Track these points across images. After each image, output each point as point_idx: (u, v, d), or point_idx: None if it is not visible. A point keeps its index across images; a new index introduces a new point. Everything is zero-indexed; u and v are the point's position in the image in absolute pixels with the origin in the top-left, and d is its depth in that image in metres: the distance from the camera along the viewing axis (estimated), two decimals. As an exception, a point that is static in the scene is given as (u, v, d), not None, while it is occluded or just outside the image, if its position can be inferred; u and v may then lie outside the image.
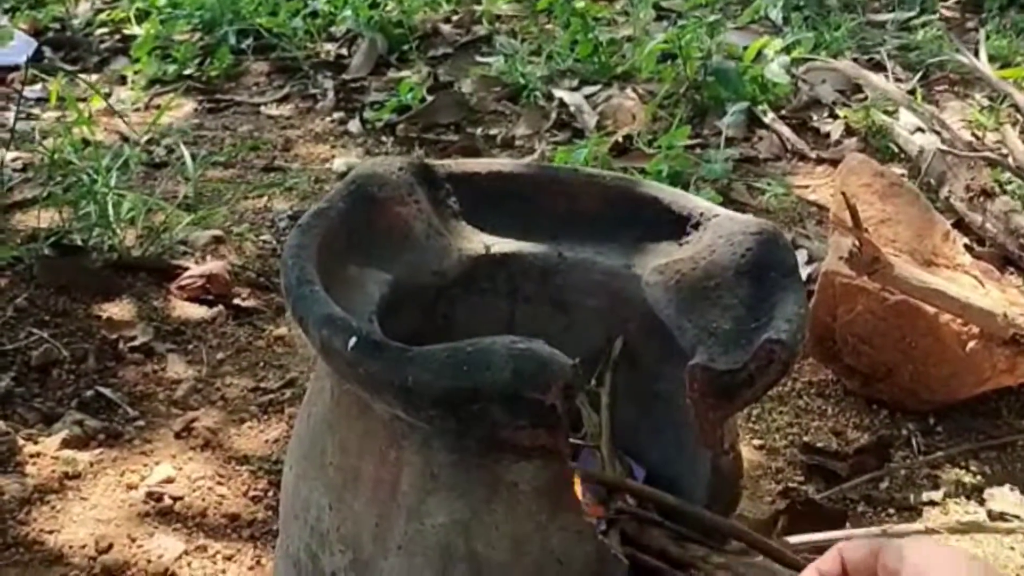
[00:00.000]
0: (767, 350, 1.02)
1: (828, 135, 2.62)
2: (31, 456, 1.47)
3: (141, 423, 1.57)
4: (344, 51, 3.23)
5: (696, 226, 1.23)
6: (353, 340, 0.95)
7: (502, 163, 1.35)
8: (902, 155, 2.45)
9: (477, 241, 1.24)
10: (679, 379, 1.06)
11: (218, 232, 2.08)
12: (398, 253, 1.19)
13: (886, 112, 2.61)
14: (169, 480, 1.45)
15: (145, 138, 2.54)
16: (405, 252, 1.20)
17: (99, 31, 3.46)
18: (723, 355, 1.04)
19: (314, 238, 1.12)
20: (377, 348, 0.95)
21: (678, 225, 1.24)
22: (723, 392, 1.02)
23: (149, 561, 1.34)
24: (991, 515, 1.46)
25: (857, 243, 1.48)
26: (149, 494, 1.42)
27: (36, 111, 2.79)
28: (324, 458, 1.06)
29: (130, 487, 1.44)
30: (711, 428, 1.07)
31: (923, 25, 3.29)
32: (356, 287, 1.13)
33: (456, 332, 1.20)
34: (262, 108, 2.88)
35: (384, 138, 2.64)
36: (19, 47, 3.18)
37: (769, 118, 2.65)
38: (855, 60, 2.98)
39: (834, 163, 2.41)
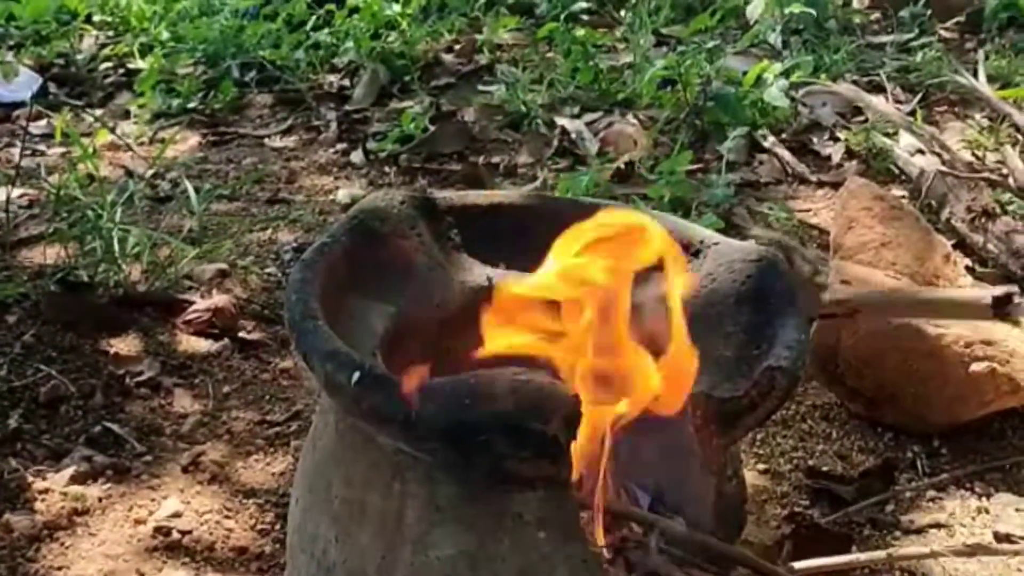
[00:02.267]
0: (768, 377, 1.03)
1: (829, 158, 2.63)
2: (40, 493, 1.48)
3: (148, 458, 1.58)
4: (347, 82, 3.25)
5: (696, 254, 1.24)
6: (356, 375, 0.96)
7: (503, 195, 1.37)
8: (903, 177, 2.46)
9: (479, 273, 1.25)
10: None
11: (223, 266, 2.09)
12: (400, 286, 1.20)
13: (886, 134, 2.62)
14: (177, 514, 1.45)
15: (150, 172, 2.56)
16: (407, 285, 1.21)
17: (103, 66, 3.48)
18: (725, 382, 1.06)
19: (317, 273, 1.13)
20: (380, 382, 0.96)
21: (679, 253, 1.25)
22: (725, 419, 1.03)
23: (158, 596, 1.35)
24: (997, 537, 1.46)
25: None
26: (157, 529, 1.43)
27: (41, 147, 2.81)
28: (329, 491, 1.07)
29: (138, 522, 1.45)
30: (714, 455, 1.08)
31: (922, 47, 3.30)
32: (359, 321, 1.14)
33: (459, 364, 1.21)
34: (266, 140, 2.89)
35: (387, 168, 2.65)
36: (24, 83, 3.21)
37: (770, 142, 2.66)
38: (855, 82, 2.99)
39: (835, 186, 2.42)
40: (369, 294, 1.18)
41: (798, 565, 1.25)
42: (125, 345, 1.84)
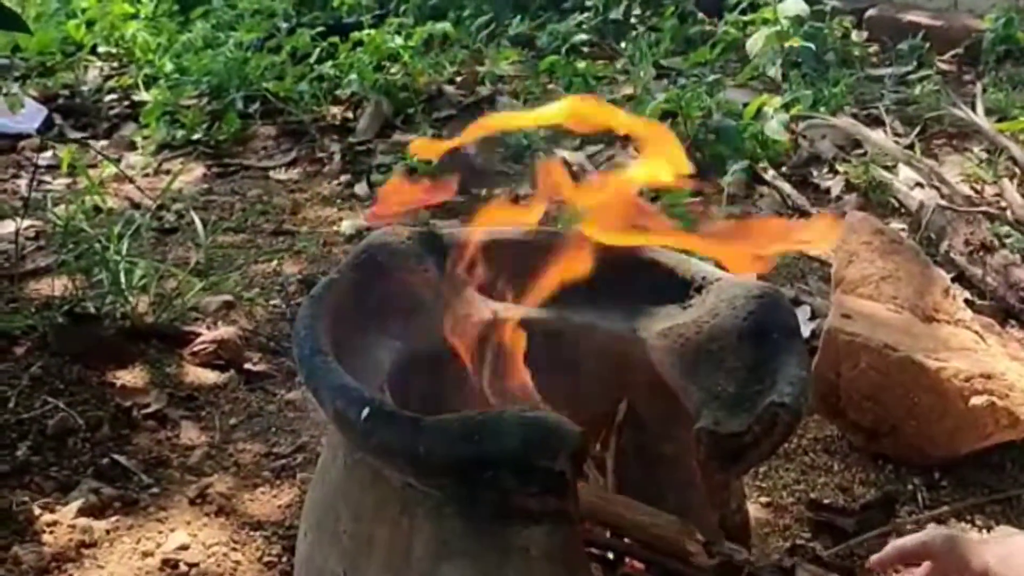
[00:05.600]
0: (771, 413, 1.04)
1: (828, 191, 2.65)
2: (48, 525, 1.49)
3: (156, 490, 1.59)
4: (350, 114, 3.28)
5: (699, 289, 1.25)
6: (366, 411, 0.97)
7: (507, 231, 1.38)
8: (902, 210, 2.48)
9: (484, 307, 1.26)
10: (685, 440, 1.09)
11: (229, 297, 2.11)
12: (407, 320, 1.22)
13: (885, 167, 2.64)
14: (184, 547, 1.46)
15: (155, 204, 2.58)
16: (414, 319, 1.22)
17: (108, 97, 3.52)
18: (728, 418, 1.06)
19: (326, 308, 1.15)
20: (389, 418, 0.98)
21: (681, 289, 1.26)
22: (729, 455, 1.04)
23: (165, 628, 1.36)
24: (998, 569, 1.47)
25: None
26: (165, 561, 1.44)
27: (47, 178, 2.83)
28: (338, 525, 1.08)
29: (146, 554, 1.45)
30: (718, 489, 1.09)
31: (921, 80, 3.34)
32: (367, 355, 1.16)
33: (465, 395, 1.23)
34: (270, 172, 2.92)
35: (391, 200, 2.67)
36: (30, 114, 3.24)
37: (770, 175, 2.68)
38: (854, 115, 3.02)
39: (835, 219, 2.44)
40: (376, 329, 1.19)
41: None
42: (132, 377, 1.85)
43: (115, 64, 3.87)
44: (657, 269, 1.29)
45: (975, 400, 1.59)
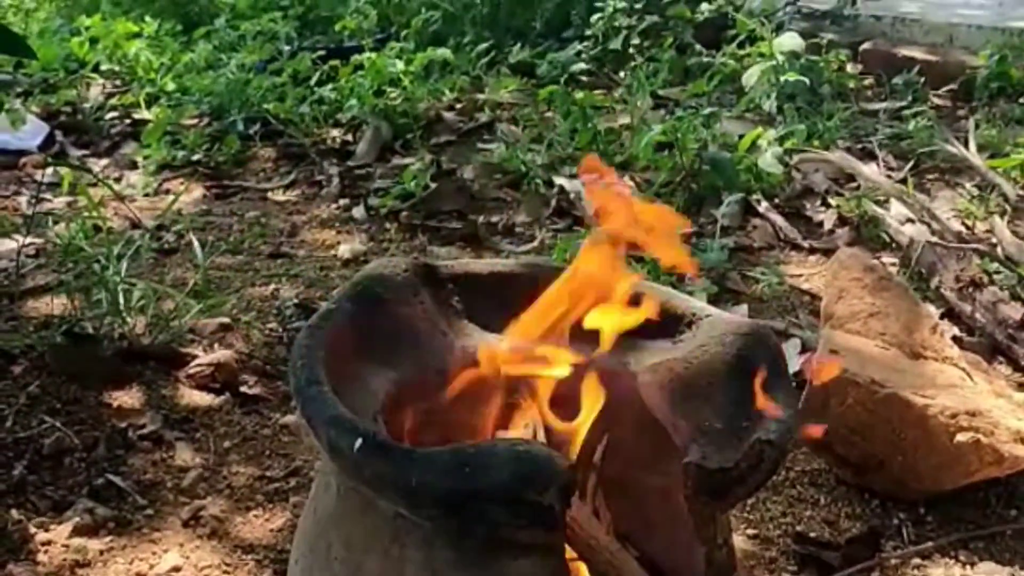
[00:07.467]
0: (757, 450, 1.07)
1: (821, 224, 2.68)
2: (42, 544, 1.50)
3: (150, 511, 1.60)
4: (349, 137, 3.30)
5: (689, 325, 1.28)
6: (359, 441, 1.00)
7: (503, 263, 1.41)
8: (893, 245, 2.51)
9: (479, 339, 1.29)
10: (673, 475, 1.11)
11: (226, 320, 2.12)
12: (403, 352, 1.24)
13: (877, 202, 2.67)
14: (177, 569, 1.48)
15: (155, 224, 2.60)
16: (409, 351, 1.24)
17: (109, 115, 3.54)
18: (716, 453, 1.09)
19: (322, 338, 1.17)
20: (382, 449, 1.00)
21: (672, 324, 1.29)
22: (716, 490, 1.07)
23: (157, 650, 1.37)
24: (980, 605, 1.49)
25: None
26: (157, 582, 1.46)
27: (48, 195, 2.85)
28: (329, 553, 1.10)
29: (139, 575, 1.47)
30: (705, 523, 1.12)
31: (914, 115, 3.37)
32: (362, 386, 1.18)
33: (459, 426, 1.25)
34: (269, 194, 2.94)
35: (388, 225, 2.70)
36: (32, 131, 3.27)
37: (763, 207, 2.71)
38: (848, 149, 3.05)
39: (827, 252, 2.47)
40: (372, 359, 1.21)
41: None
42: (128, 398, 1.87)
43: (117, 82, 3.90)
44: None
45: (960, 437, 1.61)
